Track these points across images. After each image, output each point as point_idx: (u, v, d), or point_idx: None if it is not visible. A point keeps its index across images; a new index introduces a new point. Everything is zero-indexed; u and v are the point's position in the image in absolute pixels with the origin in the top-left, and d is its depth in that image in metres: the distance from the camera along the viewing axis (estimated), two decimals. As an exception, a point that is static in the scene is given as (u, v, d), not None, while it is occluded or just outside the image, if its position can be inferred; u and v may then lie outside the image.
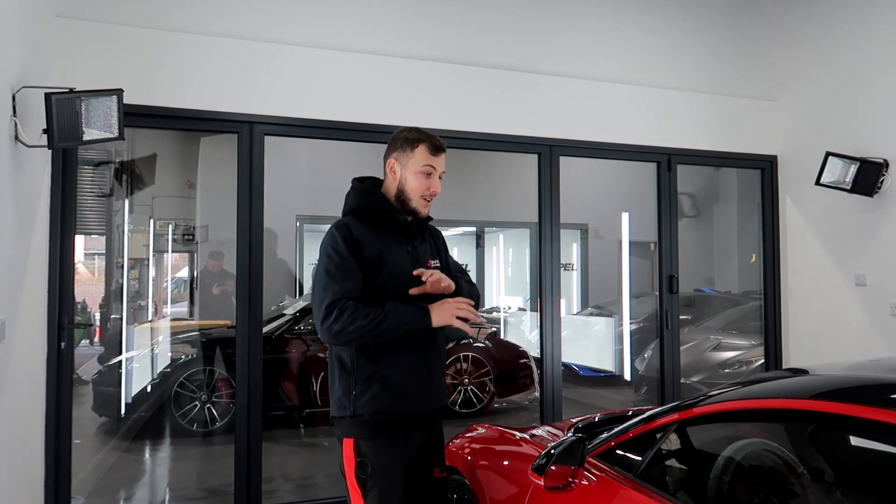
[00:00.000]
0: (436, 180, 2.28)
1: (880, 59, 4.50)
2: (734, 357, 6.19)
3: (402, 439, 2.16)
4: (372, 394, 2.14)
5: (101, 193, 6.59)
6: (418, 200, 2.26)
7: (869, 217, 4.52)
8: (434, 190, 2.27)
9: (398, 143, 2.28)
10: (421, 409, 2.21)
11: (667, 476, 2.09)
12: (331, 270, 2.13)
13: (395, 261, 2.21)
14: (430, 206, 2.30)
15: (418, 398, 2.20)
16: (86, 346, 7.32)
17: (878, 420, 1.54)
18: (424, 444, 2.22)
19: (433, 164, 2.25)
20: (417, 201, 2.26)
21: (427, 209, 2.30)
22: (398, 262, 2.21)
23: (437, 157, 2.26)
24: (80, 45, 3.56)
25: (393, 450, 2.14)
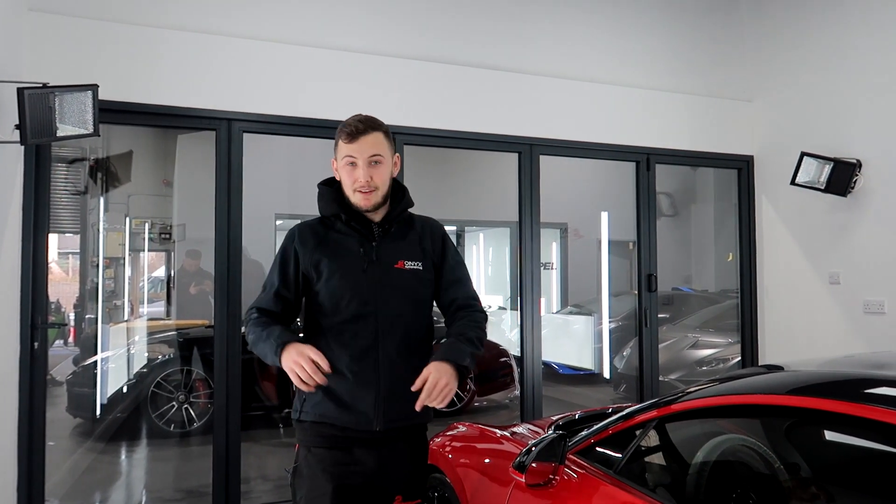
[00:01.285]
0: (360, 170, 2.01)
1: (855, 62, 4.58)
2: (711, 354, 6.26)
3: (339, 455, 1.99)
4: (316, 400, 2.01)
5: (76, 191, 6.48)
6: (353, 195, 2.05)
7: (842, 216, 4.60)
8: (360, 181, 2.01)
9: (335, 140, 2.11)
10: (367, 428, 1.99)
11: (646, 472, 2.11)
12: (266, 277, 2.13)
13: (338, 265, 2.03)
14: (371, 197, 2.04)
15: (363, 415, 1.99)
16: (60, 347, 7.20)
17: (852, 414, 1.56)
18: (379, 468, 2.01)
19: (351, 154, 2.02)
20: (353, 196, 2.05)
21: (369, 202, 2.04)
22: (342, 266, 2.03)
23: (353, 143, 2.01)
24: (53, 40, 3.50)
25: (325, 464, 1.98)
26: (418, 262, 2.10)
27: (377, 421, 1.99)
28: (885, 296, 4.33)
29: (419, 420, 2.09)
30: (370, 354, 2.00)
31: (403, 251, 2.10)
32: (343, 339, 2.01)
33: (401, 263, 2.07)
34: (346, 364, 1.99)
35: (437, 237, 2.19)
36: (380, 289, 2.03)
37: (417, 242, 2.14)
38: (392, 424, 2.01)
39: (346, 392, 1.99)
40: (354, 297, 2.01)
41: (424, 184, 7.91)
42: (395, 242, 2.11)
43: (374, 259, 2.06)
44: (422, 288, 2.11)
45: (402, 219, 2.15)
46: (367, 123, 2.04)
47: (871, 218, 4.43)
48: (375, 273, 2.04)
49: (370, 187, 2.02)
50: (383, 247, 2.08)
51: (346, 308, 2.01)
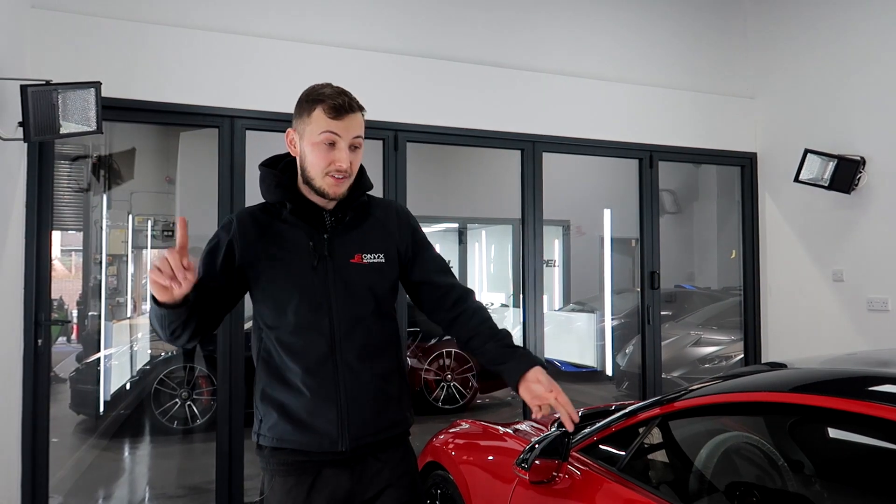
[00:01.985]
0: (342, 152, 1.71)
1: (858, 58, 4.56)
2: (714, 352, 6.26)
3: (306, 481, 1.73)
4: (272, 422, 1.74)
5: (79, 188, 6.49)
6: (322, 179, 1.72)
7: (846, 214, 4.59)
8: (340, 164, 1.70)
9: (297, 107, 1.77)
10: (332, 449, 1.72)
11: (649, 469, 2.11)
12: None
13: (282, 263, 1.74)
14: (344, 183, 1.73)
15: (328, 435, 1.71)
16: (63, 344, 7.22)
17: (855, 412, 1.56)
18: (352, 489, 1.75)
19: (335, 131, 1.70)
20: (322, 180, 1.72)
21: (340, 188, 1.73)
22: (288, 264, 1.74)
23: (339, 120, 1.70)
24: (56, 37, 3.50)
25: (293, 494, 1.72)
26: (379, 255, 1.80)
27: (342, 440, 1.72)
28: (889, 293, 4.32)
29: (393, 431, 1.83)
30: (326, 365, 1.72)
31: (361, 242, 1.80)
32: (294, 350, 1.73)
33: (358, 257, 1.77)
34: (301, 378, 1.71)
35: (405, 223, 1.89)
36: (333, 288, 1.74)
37: (379, 230, 1.84)
38: (360, 442, 1.75)
39: (304, 410, 1.71)
40: (304, 299, 1.72)
41: (426, 181, 7.93)
42: (350, 233, 1.80)
43: (326, 254, 1.75)
44: (384, 283, 1.81)
45: (357, 204, 1.83)
46: (354, 100, 1.75)
47: (875, 215, 4.42)
48: (328, 270, 1.74)
49: (346, 173, 1.73)
50: (337, 239, 1.77)
51: (294, 313, 1.72)
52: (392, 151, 4.20)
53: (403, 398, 1.87)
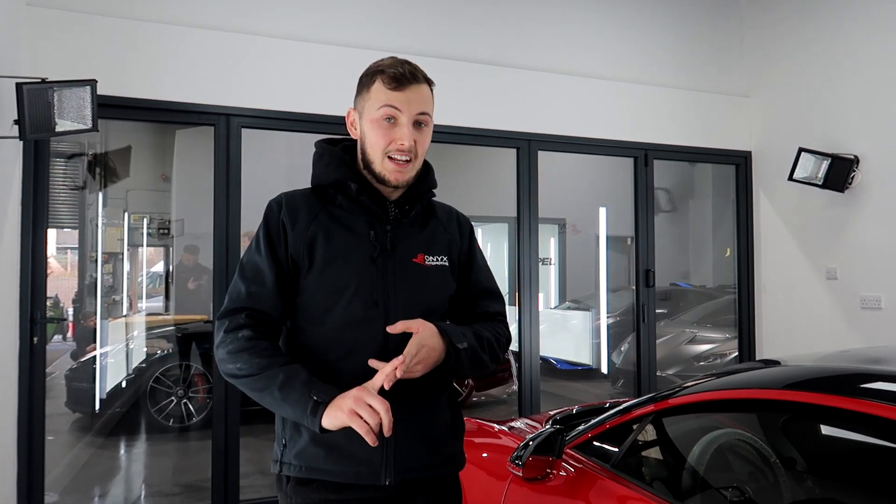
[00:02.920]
0: (404, 129, 1.48)
1: (852, 58, 4.58)
2: (709, 350, 6.28)
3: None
4: (300, 447, 1.47)
5: (74, 186, 6.48)
6: (382, 163, 1.50)
7: (840, 212, 4.61)
8: (400, 142, 1.48)
9: (358, 85, 1.58)
10: (373, 482, 1.46)
11: (643, 466, 2.12)
12: (243, 264, 1.54)
13: (338, 250, 1.51)
14: (408, 169, 1.51)
15: (369, 464, 1.45)
16: (58, 342, 7.20)
17: (848, 409, 1.57)
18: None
19: (395, 105, 1.48)
20: (381, 164, 1.50)
21: (404, 174, 1.51)
22: (344, 252, 1.51)
23: (400, 91, 1.49)
24: (52, 35, 3.50)
25: None
26: (443, 258, 1.60)
27: (386, 471, 1.46)
28: (882, 291, 4.35)
29: (446, 468, 1.57)
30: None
31: (424, 242, 1.59)
32: (338, 352, 1.48)
33: (420, 257, 1.56)
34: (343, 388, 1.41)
35: (465, 231, 1.69)
36: (393, 286, 1.51)
37: (442, 233, 1.63)
38: (408, 475, 1.49)
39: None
40: (358, 294, 1.48)
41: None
42: (413, 229, 1.59)
43: (388, 247, 1.53)
44: (446, 291, 1.60)
45: (424, 199, 1.64)
46: (418, 70, 1.54)
47: (869, 214, 4.44)
48: (388, 265, 1.52)
49: (410, 154, 1.50)
50: (400, 233, 1.56)
51: (345, 308, 1.48)
52: (388, 150, 4.19)
53: (458, 431, 1.64)
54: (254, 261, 1.52)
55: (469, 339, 1.51)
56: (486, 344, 1.57)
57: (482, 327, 1.61)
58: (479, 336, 1.56)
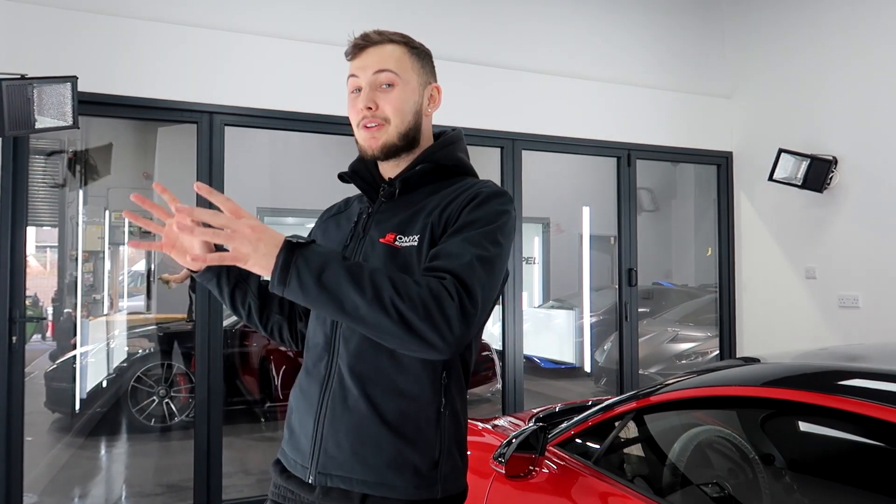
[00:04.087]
0: (363, 94, 1.39)
1: (832, 60, 4.64)
2: (691, 348, 6.34)
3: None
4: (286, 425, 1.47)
5: (54, 184, 6.40)
6: (358, 134, 1.42)
7: (818, 212, 4.67)
8: (359, 106, 1.38)
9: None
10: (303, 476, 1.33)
11: (624, 463, 2.14)
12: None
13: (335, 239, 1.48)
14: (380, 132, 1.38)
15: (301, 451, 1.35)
16: (38, 342, 7.12)
17: (825, 406, 1.60)
18: None
19: (353, 72, 1.42)
20: (358, 136, 1.42)
21: (377, 139, 1.38)
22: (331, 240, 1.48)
23: (356, 59, 1.42)
24: (31, 30, 3.45)
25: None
26: (413, 237, 1.32)
27: (312, 466, 1.31)
28: (860, 290, 4.41)
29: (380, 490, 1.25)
30: (320, 365, 1.36)
31: (403, 221, 1.36)
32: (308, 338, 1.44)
33: (390, 237, 1.34)
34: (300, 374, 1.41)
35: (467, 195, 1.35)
36: None
37: (433, 208, 1.35)
38: (330, 482, 1.28)
39: (296, 414, 1.39)
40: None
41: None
42: (398, 209, 1.39)
43: (362, 230, 1.41)
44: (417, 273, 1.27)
45: (419, 175, 1.41)
46: (382, 33, 1.43)
47: (847, 214, 4.51)
48: (356, 249, 1.39)
49: (375, 119, 1.38)
50: (380, 213, 1.41)
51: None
52: (372, 148, 4.19)
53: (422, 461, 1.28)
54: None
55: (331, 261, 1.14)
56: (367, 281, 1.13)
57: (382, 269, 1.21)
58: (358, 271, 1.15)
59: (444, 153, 1.45)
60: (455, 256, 1.21)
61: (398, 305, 1.12)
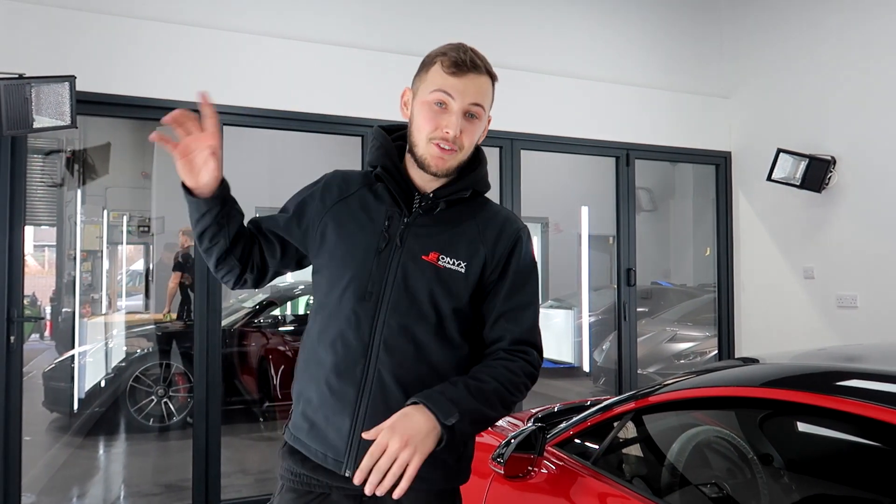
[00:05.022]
0: (452, 115, 1.42)
1: (830, 60, 4.64)
2: (689, 348, 6.34)
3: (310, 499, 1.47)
4: (297, 416, 1.51)
5: (52, 183, 6.39)
6: (425, 146, 1.44)
7: (817, 212, 4.67)
8: (446, 129, 1.42)
9: (420, 67, 1.52)
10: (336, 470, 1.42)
11: (623, 463, 2.14)
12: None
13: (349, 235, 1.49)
14: (451, 157, 1.45)
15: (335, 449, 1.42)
16: (36, 341, 7.12)
17: (824, 406, 1.60)
18: None
19: (448, 90, 1.43)
20: (424, 147, 1.45)
21: (446, 161, 1.44)
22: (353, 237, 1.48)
23: (456, 77, 1.43)
24: (30, 30, 3.44)
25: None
26: (461, 263, 1.45)
27: (348, 462, 1.40)
28: (858, 290, 4.42)
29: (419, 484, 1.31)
30: (356, 369, 1.43)
31: (446, 241, 1.47)
32: (329, 338, 1.46)
33: (433, 255, 1.44)
34: (326, 373, 1.45)
35: (509, 236, 1.50)
36: (389, 280, 1.44)
37: (475, 237, 1.48)
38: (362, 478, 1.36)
39: (322, 412, 1.44)
40: (354, 284, 1.44)
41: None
42: (437, 226, 1.48)
43: (399, 239, 1.46)
44: (453, 298, 1.44)
45: (460, 198, 1.51)
46: (483, 61, 1.48)
47: (845, 214, 4.51)
48: (393, 258, 1.45)
49: (455, 145, 1.44)
50: (418, 227, 1.48)
51: (342, 295, 1.45)
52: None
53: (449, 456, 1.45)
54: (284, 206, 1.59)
55: (465, 403, 1.32)
56: (492, 396, 1.37)
57: (487, 373, 1.41)
58: (482, 392, 1.36)
59: (482, 178, 1.57)
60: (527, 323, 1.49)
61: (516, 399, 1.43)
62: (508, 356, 1.45)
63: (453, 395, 1.32)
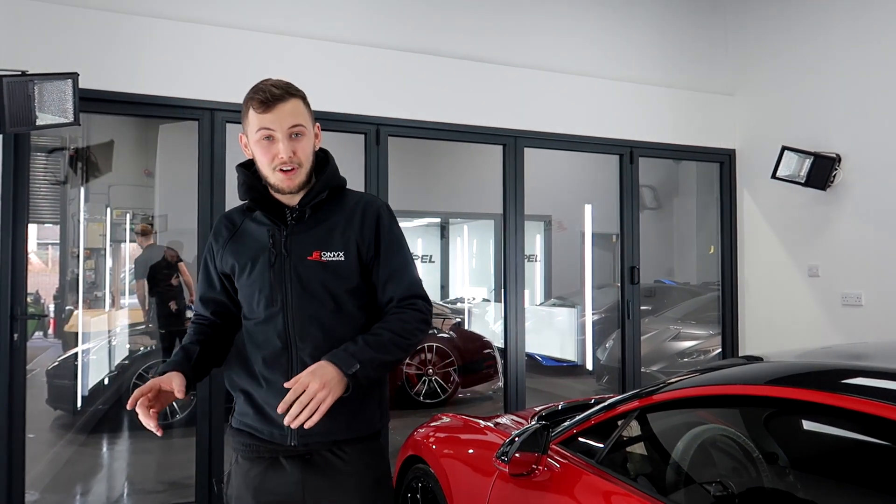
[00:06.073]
0: (279, 144, 1.70)
1: (835, 57, 4.63)
2: (693, 346, 6.33)
3: (261, 469, 1.78)
4: (240, 406, 1.83)
5: (55, 181, 6.40)
6: (272, 174, 1.73)
7: (822, 210, 4.66)
8: (280, 156, 1.70)
9: (242, 113, 1.78)
10: (283, 442, 1.75)
11: (627, 462, 2.13)
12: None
13: (248, 260, 1.80)
14: (296, 175, 1.74)
15: (279, 427, 1.73)
16: (39, 339, 7.13)
17: (829, 404, 1.59)
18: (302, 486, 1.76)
19: (267, 126, 1.70)
20: (272, 175, 1.74)
21: (293, 180, 1.74)
22: (252, 261, 1.79)
23: (268, 113, 1.69)
24: (32, 27, 3.44)
25: (248, 477, 1.79)
26: (338, 253, 1.77)
27: (291, 436, 1.73)
28: (863, 288, 4.40)
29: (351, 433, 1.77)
30: (281, 360, 1.75)
31: (323, 239, 1.78)
32: (256, 342, 1.79)
33: (316, 254, 1.76)
34: (259, 368, 1.77)
35: (371, 218, 1.81)
36: (289, 286, 1.76)
37: (344, 227, 1.80)
38: (311, 439, 1.74)
39: (262, 399, 1.77)
40: (262, 295, 1.77)
41: (408, 176, 7.91)
42: (312, 230, 1.79)
43: (284, 251, 1.77)
44: (342, 283, 1.77)
45: (321, 200, 1.80)
46: (284, 88, 1.72)
47: (850, 212, 4.49)
48: (284, 267, 1.76)
49: (293, 164, 1.72)
50: (296, 236, 1.78)
51: (256, 308, 1.78)
52: (374, 146, 4.19)
53: (369, 402, 1.80)
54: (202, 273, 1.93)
55: (363, 354, 1.66)
56: (388, 344, 1.71)
57: (382, 326, 1.76)
58: (378, 342, 1.71)
59: (333, 176, 1.84)
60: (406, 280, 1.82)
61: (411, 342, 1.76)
62: (399, 310, 1.79)
63: (354, 350, 1.66)
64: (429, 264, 9.32)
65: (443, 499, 2.66)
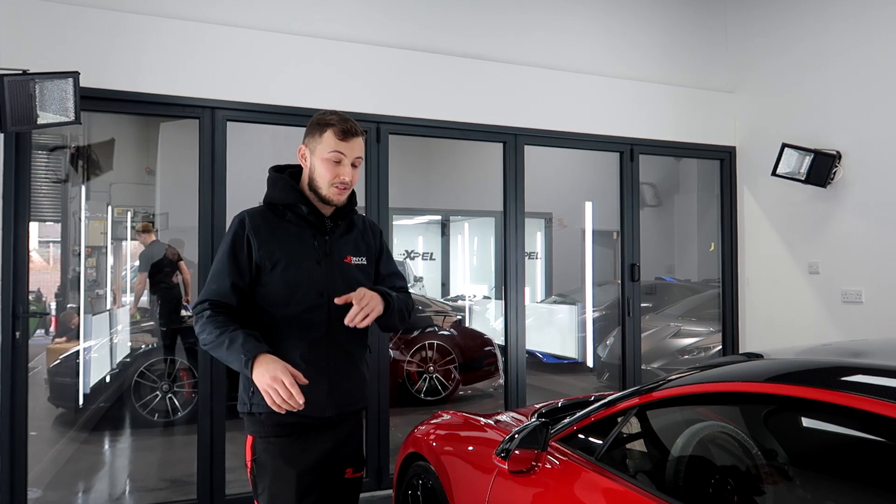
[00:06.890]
0: (346, 168, 2.11)
1: (835, 54, 4.62)
2: (693, 343, 6.33)
3: (298, 443, 2.07)
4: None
5: (57, 179, 6.41)
6: (329, 189, 2.11)
7: (822, 207, 4.66)
8: (343, 178, 2.10)
9: (309, 129, 2.15)
10: (321, 414, 2.08)
11: (627, 459, 2.14)
12: (213, 267, 2.12)
13: (294, 256, 2.10)
14: (345, 194, 2.14)
15: (318, 402, 2.05)
16: (41, 336, 7.14)
17: (829, 401, 1.59)
18: (334, 448, 2.14)
19: (341, 151, 2.09)
20: (328, 190, 2.11)
21: (342, 197, 2.14)
22: (298, 257, 2.11)
23: (345, 142, 2.09)
24: (33, 26, 3.45)
25: (287, 453, 2.05)
26: (363, 258, 2.24)
27: (330, 407, 2.10)
28: (863, 285, 4.40)
29: (363, 403, 2.27)
30: (322, 344, 2.10)
31: (350, 246, 2.22)
32: (295, 330, 2.08)
33: (349, 258, 2.20)
34: (301, 353, 2.06)
35: (377, 235, 2.35)
36: (332, 281, 2.12)
37: (361, 239, 2.26)
38: (342, 409, 2.14)
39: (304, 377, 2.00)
40: (310, 288, 2.10)
41: (409, 173, 7.92)
42: (343, 238, 2.22)
43: (328, 252, 2.15)
44: (366, 280, 2.21)
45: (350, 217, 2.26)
46: (357, 126, 2.12)
47: (850, 209, 4.50)
48: (329, 266, 2.14)
49: (347, 185, 2.13)
50: (334, 241, 2.19)
51: (300, 299, 2.08)
52: (374, 143, 4.19)
53: (369, 377, 2.30)
54: (221, 265, 2.10)
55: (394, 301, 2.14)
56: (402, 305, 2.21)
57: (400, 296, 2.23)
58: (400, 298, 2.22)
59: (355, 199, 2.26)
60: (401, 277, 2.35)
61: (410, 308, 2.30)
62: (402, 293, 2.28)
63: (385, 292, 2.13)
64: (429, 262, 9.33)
65: (443, 496, 2.67)
